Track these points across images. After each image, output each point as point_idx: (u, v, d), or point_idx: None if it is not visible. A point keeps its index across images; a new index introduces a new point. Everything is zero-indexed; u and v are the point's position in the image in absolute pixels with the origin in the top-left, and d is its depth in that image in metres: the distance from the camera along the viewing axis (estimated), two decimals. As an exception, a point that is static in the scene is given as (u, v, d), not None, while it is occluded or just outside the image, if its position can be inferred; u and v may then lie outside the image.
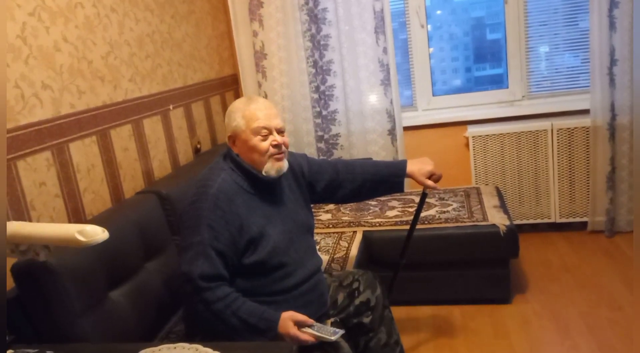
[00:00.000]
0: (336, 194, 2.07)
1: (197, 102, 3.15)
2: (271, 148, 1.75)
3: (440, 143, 3.56)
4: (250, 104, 1.79)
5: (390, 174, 2.07)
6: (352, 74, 3.41)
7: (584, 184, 3.38)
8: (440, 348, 2.47)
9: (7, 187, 1.73)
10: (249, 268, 1.70)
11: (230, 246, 1.66)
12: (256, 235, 1.71)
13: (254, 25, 3.47)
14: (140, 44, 2.58)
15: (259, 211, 1.76)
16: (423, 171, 2.04)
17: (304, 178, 1.99)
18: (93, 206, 2.14)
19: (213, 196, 1.68)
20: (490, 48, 3.98)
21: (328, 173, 2.04)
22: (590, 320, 2.50)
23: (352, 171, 2.06)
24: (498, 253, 2.66)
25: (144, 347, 1.49)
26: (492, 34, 3.96)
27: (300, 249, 1.83)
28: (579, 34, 3.45)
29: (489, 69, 4.05)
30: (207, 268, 1.60)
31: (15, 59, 1.80)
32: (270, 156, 1.76)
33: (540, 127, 3.35)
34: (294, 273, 1.78)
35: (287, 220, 1.83)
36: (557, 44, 3.51)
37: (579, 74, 3.50)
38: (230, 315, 1.59)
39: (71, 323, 1.62)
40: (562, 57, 3.54)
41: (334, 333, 1.58)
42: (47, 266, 1.56)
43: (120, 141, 2.36)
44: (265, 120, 1.75)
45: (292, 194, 1.92)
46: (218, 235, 1.64)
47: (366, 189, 2.09)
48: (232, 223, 1.67)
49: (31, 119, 1.86)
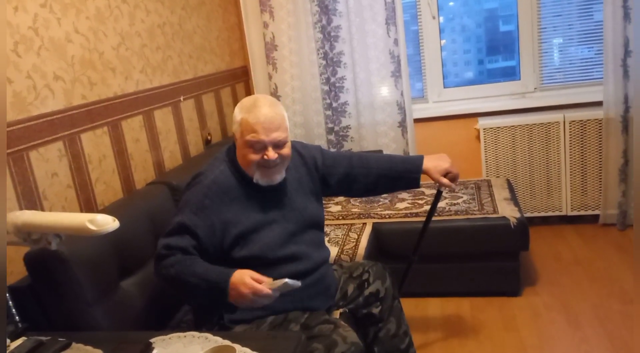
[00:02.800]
0: (350, 189, 2.05)
1: (208, 93, 3.16)
2: (261, 160, 1.70)
3: (451, 135, 3.54)
4: (252, 110, 1.69)
5: (406, 170, 2.02)
6: (363, 66, 3.40)
7: (596, 177, 3.35)
8: (450, 340, 2.47)
9: (20, 177, 1.75)
10: (241, 262, 1.68)
11: (208, 236, 1.68)
12: (246, 230, 1.72)
13: (264, 17, 3.46)
14: (151, 35, 2.58)
15: (256, 205, 1.75)
16: (439, 168, 1.98)
17: (317, 171, 1.96)
18: (104, 197, 2.16)
19: (206, 186, 1.72)
20: (502, 40, 3.94)
21: (342, 166, 2.00)
22: (601, 313, 2.49)
23: (367, 166, 2.02)
24: (508, 245, 2.65)
25: (155, 335, 1.51)
26: (505, 26, 3.92)
27: (304, 243, 1.82)
28: (593, 25, 3.40)
29: (502, 61, 4.01)
30: (175, 241, 1.65)
31: (27, 51, 1.82)
32: (258, 166, 1.72)
33: (552, 120, 3.32)
34: (295, 265, 1.77)
35: (290, 214, 1.81)
36: (570, 36, 3.47)
37: (592, 66, 3.46)
38: (188, 275, 1.61)
39: (83, 311, 1.64)
40: (575, 49, 3.50)
41: (291, 281, 1.52)
42: (60, 255, 1.58)
43: (132, 132, 2.38)
44: (261, 134, 1.67)
45: (300, 187, 1.90)
46: (198, 222, 1.67)
47: (381, 185, 2.05)
48: (217, 215, 1.69)
49: (43, 110, 1.87)
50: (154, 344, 1.44)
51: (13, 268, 1.70)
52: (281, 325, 1.69)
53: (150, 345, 1.43)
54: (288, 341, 1.41)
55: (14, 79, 1.75)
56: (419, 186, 2.06)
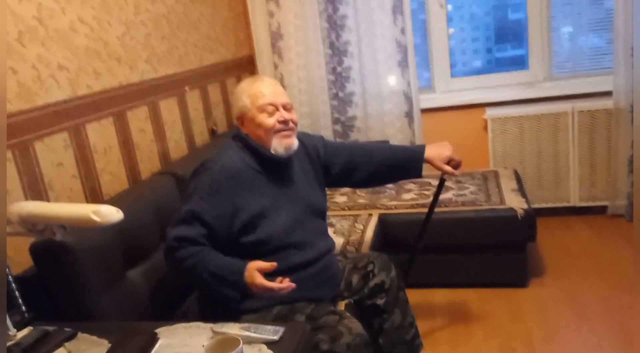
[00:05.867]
0: (351, 178, 2.06)
1: (213, 83, 3.14)
2: (277, 124, 1.76)
3: (458, 125, 3.51)
4: (255, 82, 1.82)
5: (407, 159, 2.03)
6: (369, 56, 3.37)
7: (604, 167, 3.31)
8: (456, 331, 2.46)
9: (26, 167, 1.75)
10: (250, 247, 1.71)
11: (218, 222, 1.67)
12: (256, 215, 1.72)
13: (270, 6, 3.44)
14: (156, 24, 2.57)
15: (264, 191, 1.76)
16: (442, 156, 1.99)
17: (319, 160, 1.98)
18: (110, 187, 2.16)
19: (215, 171, 1.71)
20: (511, 28, 3.89)
21: (344, 155, 2.02)
22: (609, 305, 2.47)
23: (369, 155, 2.04)
24: (515, 237, 2.63)
25: (160, 325, 1.51)
26: (514, 14, 3.87)
27: (309, 230, 1.83)
28: (603, 13, 3.35)
29: (511, 50, 3.97)
30: (185, 232, 1.64)
31: (31, 40, 1.81)
32: (276, 132, 1.76)
33: (561, 110, 3.28)
34: (300, 254, 1.77)
35: (295, 201, 1.82)
36: (580, 24, 3.42)
37: (602, 55, 3.41)
38: (201, 270, 1.62)
39: (90, 301, 1.65)
40: (585, 37, 3.45)
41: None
42: (66, 245, 1.58)
43: (137, 122, 2.37)
44: (270, 97, 1.77)
45: (304, 175, 1.91)
46: (208, 208, 1.66)
47: (382, 174, 2.06)
48: (227, 201, 1.69)
49: (48, 100, 1.87)
50: (159, 334, 1.45)
51: (20, 258, 1.70)
52: (287, 316, 1.69)
53: (155, 335, 1.44)
54: (293, 331, 1.41)
55: (18, 69, 1.75)
56: (421, 176, 2.05)
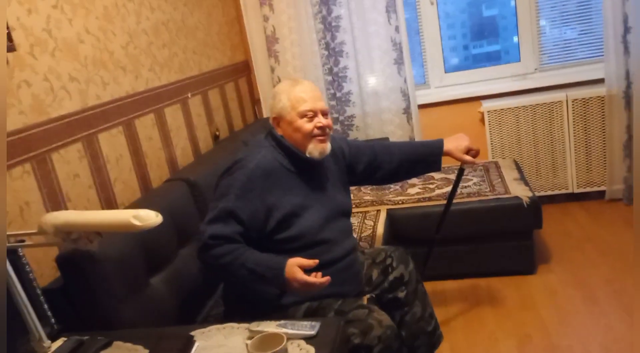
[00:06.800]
0: (375, 175, 2.10)
1: (213, 89, 3.15)
2: (315, 129, 1.79)
3: (456, 119, 3.56)
4: (295, 86, 1.83)
5: (427, 153, 2.09)
6: (365, 55, 3.41)
7: (600, 153, 3.39)
8: (470, 320, 2.50)
9: (45, 180, 1.75)
10: (282, 244, 1.74)
11: (253, 220, 1.69)
12: (289, 213, 1.75)
13: (264, 10, 3.46)
14: (156, 32, 2.57)
15: (296, 190, 1.79)
16: (460, 147, 2.06)
17: (344, 160, 2.02)
18: (124, 196, 2.16)
19: (250, 169, 1.73)
20: (486, 25, 3.97)
21: (367, 154, 2.07)
22: (617, 287, 2.53)
23: (390, 152, 2.09)
24: (522, 224, 2.68)
25: (193, 328, 1.52)
26: (488, 11, 3.95)
27: (336, 229, 1.86)
28: (590, 2, 3.42)
29: (487, 46, 4.04)
30: (222, 230, 1.66)
31: (42, 53, 1.81)
32: (313, 137, 1.79)
33: (555, 99, 3.35)
34: (329, 251, 1.80)
35: (323, 201, 1.85)
36: (568, 15, 3.49)
37: (591, 44, 3.49)
38: (238, 267, 1.64)
39: (116, 309, 1.65)
40: (573, 27, 3.52)
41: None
42: (92, 255, 1.58)
43: (145, 130, 2.38)
44: (311, 103, 1.80)
45: (331, 176, 1.95)
46: (243, 206, 1.68)
47: (404, 169, 2.11)
48: (261, 199, 1.71)
49: (61, 112, 1.87)
50: (195, 337, 1.46)
51: (43, 271, 1.70)
52: (316, 312, 1.71)
53: (191, 338, 1.45)
54: (328, 326, 1.43)
55: (32, 82, 1.75)
56: (440, 169, 2.10)
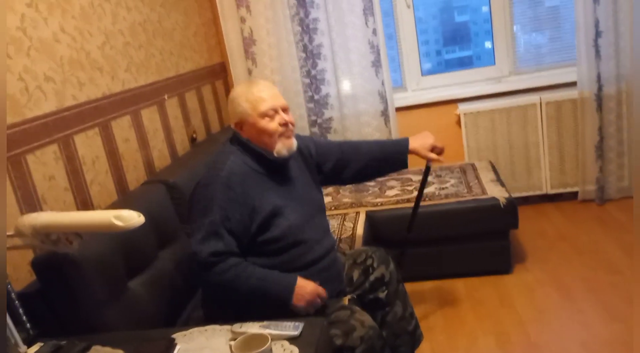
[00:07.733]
0: (342, 175, 2.10)
1: (190, 91, 3.12)
2: (280, 127, 1.77)
3: (433, 121, 3.59)
4: (252, 87, 1.81)
5: (393, 152, 2.11)
6: (343, 57, 3.42)
7: (573, 155, 3.46)
8: (449, 320, 2.52)
9: (20, 181, 1.71)
10: (265, 245, 1.73)
11: (241, 227, 1.68)
12: (270, 214, 1.73)
13: (241, 12, 3.44)
14: (133, 33, 2.54)
15: (271, 191, 1.77)
16: (425, 145, 2.09)
17: (312, 159, 2.01)
18: (100, 198, 2.12)
19: (224, 178, 1.71)
20: (458, 31, 4.04)
21: (334, 153, 2.07)
22: (592, 284, 2.58)
23: (357, 151, 2.10)
24: (499, 225, 2.72)
25: (174, 331, 1.50)
26: (459, 17, 4.02)
27: (315, 227, 1.86)
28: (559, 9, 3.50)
29: (459, 51, 4.10)
30: (219, 246, 1.63)
31: (17, 51, 1.77)
32: (280, 135, 1.78)
33: (529, 102, 3.41)
34: (311, 250, 1.80)
35: (299, 199, 1.85)
36: (538, 21, 3.57)
37: (562, 49, 3.57)
38: (244, 280, 1.63)
39: (95, 313, 1.62)
40: (543, 33, 3.60)
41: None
42: (70, 257, 1.55)
43: (121, 131, 2.34)
44: (271, 101, 1.78)
45: (302, 175, 1.94)
46: (229, 215, 1.66)
47: (371, 169, 2.12)
48: (243, 204, 1.69)
49: (37, 112, 1.83)
50: (176, 340, 1.44)
51: (19, 275, 1.66)
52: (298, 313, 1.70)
53: (172, 340, 1.43)
54: (312, 326, 1.43)
55: (6, 81, 1.71)
56: (407, 167, 2.13)
